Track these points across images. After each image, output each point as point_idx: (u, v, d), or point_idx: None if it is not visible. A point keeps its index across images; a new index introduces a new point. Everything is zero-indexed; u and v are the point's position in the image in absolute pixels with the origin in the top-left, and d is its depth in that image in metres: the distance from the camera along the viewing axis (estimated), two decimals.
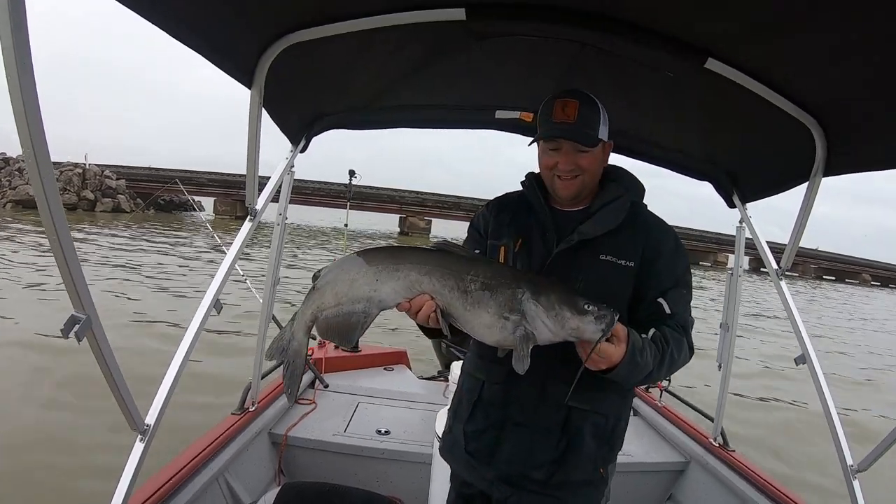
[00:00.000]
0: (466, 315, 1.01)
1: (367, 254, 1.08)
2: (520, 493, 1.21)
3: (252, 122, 1.49)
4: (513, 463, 1.21)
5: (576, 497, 1.21)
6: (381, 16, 1.25)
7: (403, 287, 1.03)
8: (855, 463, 1.60)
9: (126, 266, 10.98)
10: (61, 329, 0.94)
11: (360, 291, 1.05)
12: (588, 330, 0.98)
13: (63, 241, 0.89)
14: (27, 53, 0.74)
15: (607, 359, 1.01)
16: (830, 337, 12.70)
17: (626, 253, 1.16)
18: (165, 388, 1.31)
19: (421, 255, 1.06)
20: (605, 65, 1.41)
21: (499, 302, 0.99)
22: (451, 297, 1.01)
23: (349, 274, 1.06)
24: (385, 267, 1.04)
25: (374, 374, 3.20)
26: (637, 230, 1.19)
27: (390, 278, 1.04)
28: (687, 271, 1.22)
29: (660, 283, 1.17)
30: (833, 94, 1.30)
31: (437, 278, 1.02)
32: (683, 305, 1.18)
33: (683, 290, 1.19)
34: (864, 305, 25.33)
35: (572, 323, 0.98)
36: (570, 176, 1.17)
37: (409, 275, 1.03)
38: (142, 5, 1.03)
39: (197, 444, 1.86)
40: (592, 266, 1.16)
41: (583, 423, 1.18)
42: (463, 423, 1.29)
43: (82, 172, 28.34)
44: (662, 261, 1.17)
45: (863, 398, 7.04)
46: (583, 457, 1.19)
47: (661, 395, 2.91)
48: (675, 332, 1.14)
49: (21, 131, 0.78)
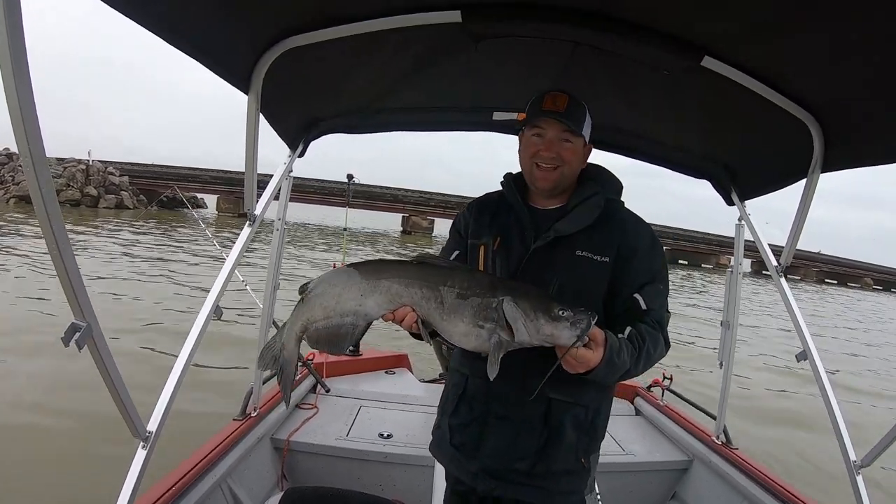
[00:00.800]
0: (444, 324, 1.05)
1: (352, 268, 1.12)
2: (504, 485, 1.24)
3: (249, 127, 1.49)
4: (497, 456, 1.24)
5: (558, 485, 1.24)
6: (377, 20, 1.25)
7: (386, 300, 1.08)
8: (858, 459, 1.60)
9: (131, 264, 11.00)
10: (62, 337, 0.94)
11: (346, 305, 1.09)
12: (563, 336, 1.00)
13: (62, 250, 0.89)
14: (22, 53, 0.74)
15: (585, 363, 1.03)
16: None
17: (602, 249, 1.19)
18: (167, 395, 1.31)
19: (401, 268, 1.10)
20: (602, 64, 1.42)
21: (473, 311, 1.03)
22: (429, 307, 1.05)
23: (336, 289, 1.10)
24: (369, 281, 1.08)
25: (376, 377, 3.19)
26: (613, 227, 1.21)
27: (374, 292, 1.08)
28: (663, 267, 1.24)
29: (635, 278, 1.19)
30: (830, 91, 1.31)
31: (416, 290, 1.06)
32: (660, 301, 1.20)
33: (660, 285, 1.21)
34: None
35: (547, 329, 1.00)
36: (550, 166, 1.19)
37: (391, 288, 1.07)
38: (135, 10, 1.02)
39: (199, 450, 1.85)
40: (568, 262, 1.19)
41: (563, 415, 1.21)
42: (448, 416, 1.33)
43: (86, 169, 28.46)
44: (638, 257, 1.19)
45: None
46: (564, 447, 1.22)
47: (663, 395, 2.91)
48: (651, 329, 1.17)
49: (18, 138, 0.78)
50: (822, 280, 44.66)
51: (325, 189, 32.94)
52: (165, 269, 11.03)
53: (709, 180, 2.05)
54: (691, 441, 2.48)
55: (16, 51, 0.72)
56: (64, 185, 27.04)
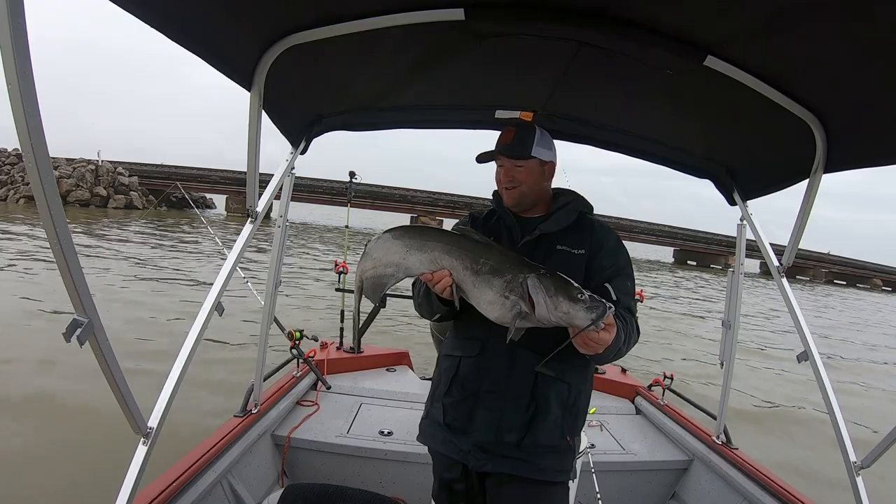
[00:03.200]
0: (474, 291, 1.18)
1: (403, 229, 1.29)
2: (495, 459, 1.34)
3: (252, 124, 1.49)
4: (487, 429, 1.34)
5: (543, 459, 1.34)
6: (380, 17, 1.25)
7: (428, 260, 1.22)
8: (858, 460, 1.60)
9: (140, 263, 11.04)
10: (63, 333, 0.94)
11: (392, 258, 1.27)
12: (578, 317, 1.09)
13: (64, 246, 0.89)
14: (25, 52, 0.74)
15: (602, 344, 1.12)
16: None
17: (578, 244, 1.38)
18: (168, 391, 1.31)
19: (445, 236, 1.25)
20: (604, 63, 1.41)
21: (503, 283, 1.14)
22: (465, 274, 1.17)
23: (386, 243, 1.28)
24: (415, 240, 1.25)
25: (377, 375, 3.20)
26: (585, 229, 1.43)
27: (418, 250, 1.24)
28: (628, 265, 1.42)
29: (604, 270, 1.36)
30: (833, 91, 1.30)
31: (456, 257, 1.19)
32: (625, 293, 1.35)
33: (626, 280, 1.38)
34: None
35: (564, 307, 1.09)
36: (510, 186, 1.41)
37: (434, 250, 1.21)
38: (138, 6, 1.02)
39: (200, 446, 1.86)
40: (550, 255, 1.36)
41: (549, 390, 1.33)
42: (441, 398, 1.43)
43: (95, 169, 28.60)
44: (605, 253, 1.39)
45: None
46: (549, 422, 1.33)
47: (663, 394, 2.91)
48: (625, 314, 1.30)
49: (21, 136, 0.78)
50: (832, 281, 44.42)
51: (334, 189, 32.92)
52: (171, 266, 11.07)
53: (711, 180, 2.05)
54: (691, 441, 2.48)
55: (19, 49, 0.73)
56: (74, 185, 27.20)
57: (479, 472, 1.38)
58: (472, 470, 1.39)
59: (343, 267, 3.41)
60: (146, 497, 1.49)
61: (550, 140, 1.44)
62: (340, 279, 3.43)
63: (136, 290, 8.38)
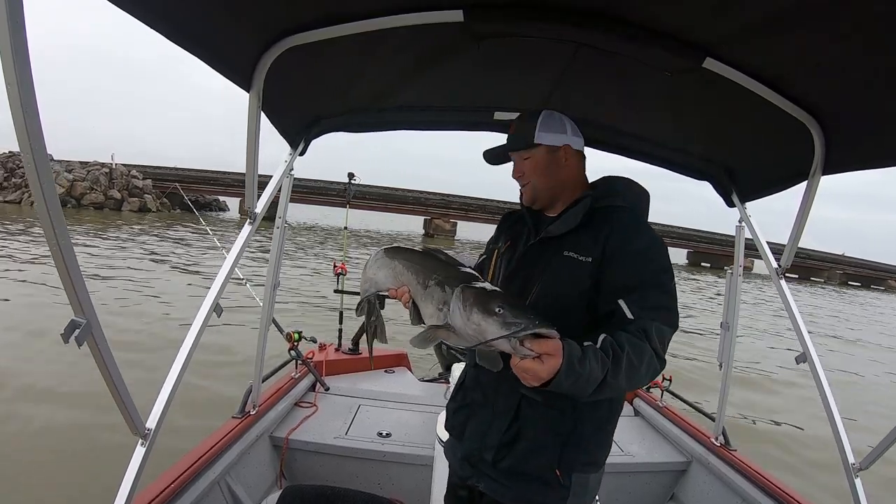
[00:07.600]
0: (422, 304, 1.20)
1: (382, 250, 1.37)
2: (478, 475, 1.27)
3: (251, 125, 1.49)
4: (472, 440, 1.29)
5: (528, 491, 1.18)
6: (379, 18, 1.25)
7: (392, 276, 1.28)
8: (857, 461, 1.60)
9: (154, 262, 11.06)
10: (61, 334, 0.94)
11: (367, 273, 1.38)
12: (489, 330, 0.95)
13: (62, 246, 0.89)
14: (24, 52, 0.73)
15: (534, 375, 0.94)
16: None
17: (588, 249, 1.17)
18: (166, 392, 1.31)
19: (410, 254, 1.30)
20: (603, 64, 1.42)
21: (439, 296, 1.13)
22: (417, 289, 1.21)
23: (368, 262, 1.39)
24: (385, 259, 1.32)
25: (375, 376, 3.20)
26: (602, 227, 1.18)
27: (386, 268, 1.31)
28: (657, 275, 1.13)
29: (619, 282, 1.11)
30: (832, 93, 1.31)
31: (412, 273, 1.23)
32: (650, 313, 1.08)
33: (651, 295, 1.10)
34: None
35: (475, 318, 0.98)
36: (523, 182, 1.32)
37: (397, 267, 1.27)
38: (136, 7, 1.01)
39: (198, 447, 1.86)
40: (554, 261, 1.21)
41: (533, 413, 1.19)
42: (449, 402, 1.44)
43: (109, 172, 28.74)
44: (622, 259, 1.13)
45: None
46: (533, 448, 1.18)
47: (662, 396, 2.91)
48: (635, 338, 1.04)
49: (20, 137, 0.78)
50: (846, 283, 43.72)
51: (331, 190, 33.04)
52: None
53: (709, 181, 2.05)
54: (690, 442, 2.48)
55: (17, 48, 0.72)
56: (88, 188, 27.28)
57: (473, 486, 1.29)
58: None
59: (342, 268, 3.41)
60: (144, 498, 1.49)
61: (561, 121, 1.26)
62: (339, 281, 3.42)
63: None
